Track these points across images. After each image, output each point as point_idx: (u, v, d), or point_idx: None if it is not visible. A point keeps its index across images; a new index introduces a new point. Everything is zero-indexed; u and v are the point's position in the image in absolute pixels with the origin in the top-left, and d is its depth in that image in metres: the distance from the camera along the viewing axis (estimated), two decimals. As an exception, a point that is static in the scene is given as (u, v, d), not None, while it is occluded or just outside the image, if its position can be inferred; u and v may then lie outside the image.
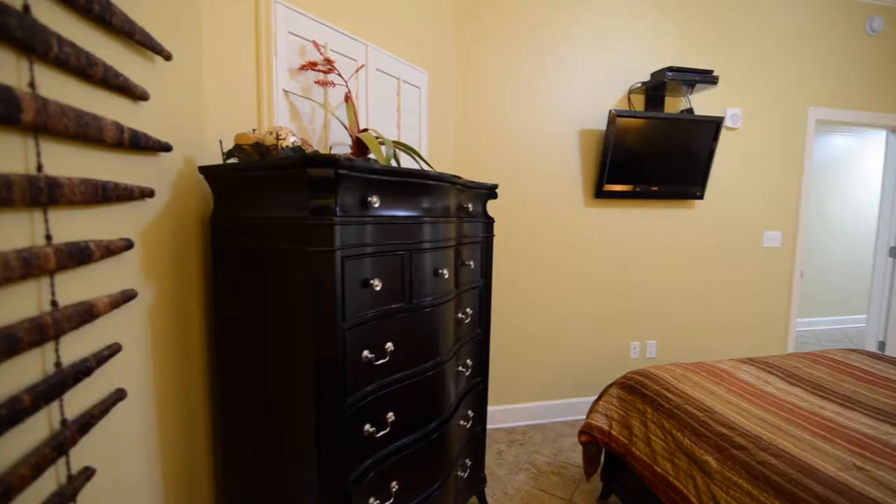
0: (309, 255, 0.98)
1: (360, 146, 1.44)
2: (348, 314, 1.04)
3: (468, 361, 1.67)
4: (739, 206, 3.09)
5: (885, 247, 3.54)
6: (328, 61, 1.50)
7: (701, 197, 2.91)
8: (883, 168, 3.62)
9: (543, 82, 2.65)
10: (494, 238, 1.84)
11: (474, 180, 1.64)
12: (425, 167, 1.68)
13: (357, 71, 1.65)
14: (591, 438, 1.90)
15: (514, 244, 2.69)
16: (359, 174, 1.01)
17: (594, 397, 2.01)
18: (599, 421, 1.88)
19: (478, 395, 1.83)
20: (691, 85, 2.64)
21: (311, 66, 1.48)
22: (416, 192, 1.28)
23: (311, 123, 1.59)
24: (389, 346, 1.17)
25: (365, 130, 1.49)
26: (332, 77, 1.52)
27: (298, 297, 1.01)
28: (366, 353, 1.11)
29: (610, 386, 1.95)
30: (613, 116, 2.56)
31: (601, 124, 2.70)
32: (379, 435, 1.18)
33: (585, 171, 2.77)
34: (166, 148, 1.00)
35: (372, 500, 1.17)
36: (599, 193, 2.74)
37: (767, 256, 3.19)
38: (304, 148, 1.17)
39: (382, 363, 1.17)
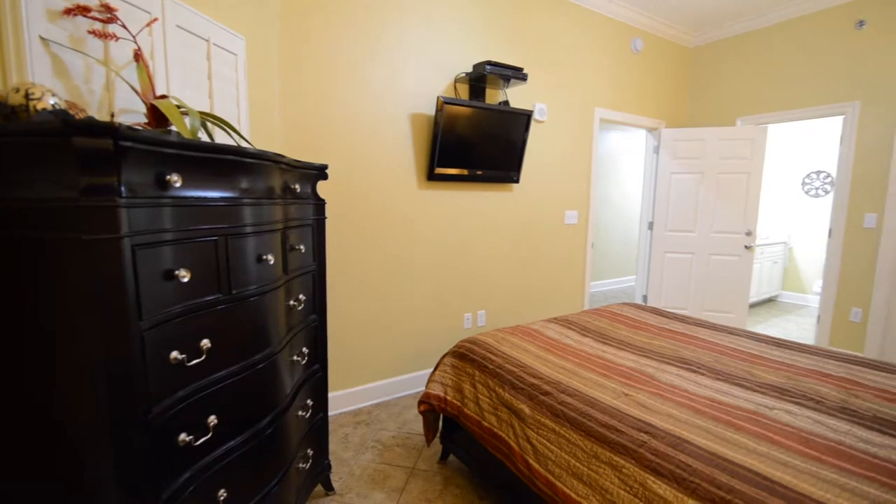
0: (87, 244, 0.80)
1: (157, 116, 1.23)
2: (147, 312, 0.89)
3: (304, 349, 1.61)
4: (547, 189, 3.59)
5: (645, 222, 4.54)
6: (107, 8, 1.23)
7: (517, 181, 3.29)
8: (644, 160, 4.61)
9: (375, 64, 2.63)
10: (327, 220, 1.78)
11: (302, 160, 1.55)
12: (244, 144, 1.53)
13: (150, 24, 1.39)
14: (428, 407, 2.03)
15: (349, 226, 2.66)
16: (151, 147, 0.86)
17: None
18: (436, 389, 2.02)
19: (317, 382, 1.78)
20: (507, 79, 2.93)
21: (82, 11, 1.19)
22: (232, 170, 1.16)
23: (87, 84, 1.29)
24: (206, 342, 1.05)
25: (164, 97, 1.28)
26: (113, 28, 1.26)
27: (78, 297, 0.82)
28: (175, 353, 0.97)
29: (444, 356, 2.11)
30: (441, 103, 2.69)
31: (431, 109, 2.82)
32: (199, 442, 1.06)
33: (418, 155, 2.87)
34: None
35: (194, 514, 1.05)
36: (431, 176, 2.87)
37: (568, 232, 3.80)
38: (70, 112, 0.94)
39: (198, 363, 1.04)
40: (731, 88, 4.28)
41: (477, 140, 2.98)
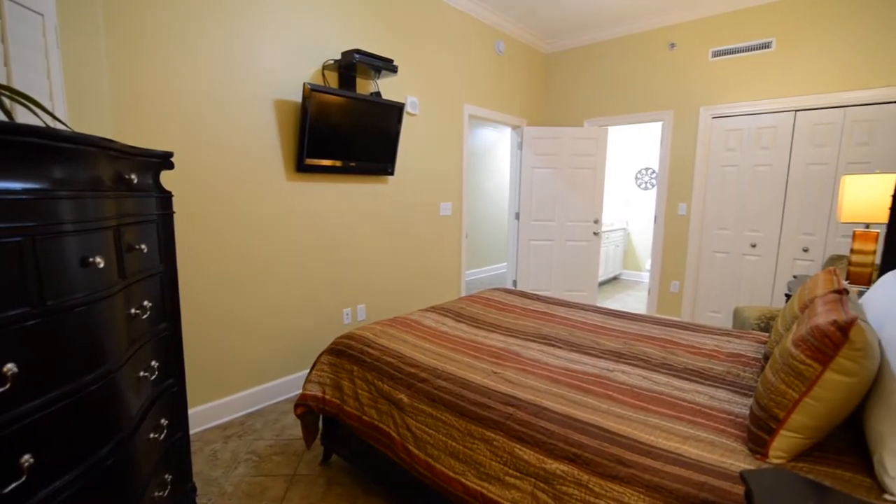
0: None
1: (-81, 85, 0.96)
2: (-87, 336, 0.70)
3: (153, 363, 1.42)
4: (421, 181, 3.67)
5: (513, 212, 4.91)
6: None
7: (392, 173, 3.30)
8: (510, 155, 4.97)
9: (232, 41, 2.39)
10: (176, 215, 1.58)
11: (139, 146, 1.35)
12: (59, 126, 1.27)
13: None
14: (306, 409, 1.95)
15: (208, 220, 2.40)
16: None
17: (310, 368, 2.05)
18: (313, 389, 1.94)
19: (172, 398, 1.58)
20: (377, 70, 2.90)
21: None
22: (40, 157, 0.96)
23: None
24: (11, 367, 0.86)
25: (-70, 62, 1.00)
26: None
27: None
28: (-37, 385, 0.78)
29: (321, 354, 2.03)
30: (308, 91, 2.56)
31: (298, 96, 2.67)
32: (9, 489, 0.87)
33: (285, 144, 2.69)
34: None
35: (4, 578, 0.87)
36: (301, 167, 2.73)
37: (443, 223, 3.94)
38: None
39: (1, 392, 0.85)
40: (579, 92, 4.83)
41: (350, 130, 2.90)
